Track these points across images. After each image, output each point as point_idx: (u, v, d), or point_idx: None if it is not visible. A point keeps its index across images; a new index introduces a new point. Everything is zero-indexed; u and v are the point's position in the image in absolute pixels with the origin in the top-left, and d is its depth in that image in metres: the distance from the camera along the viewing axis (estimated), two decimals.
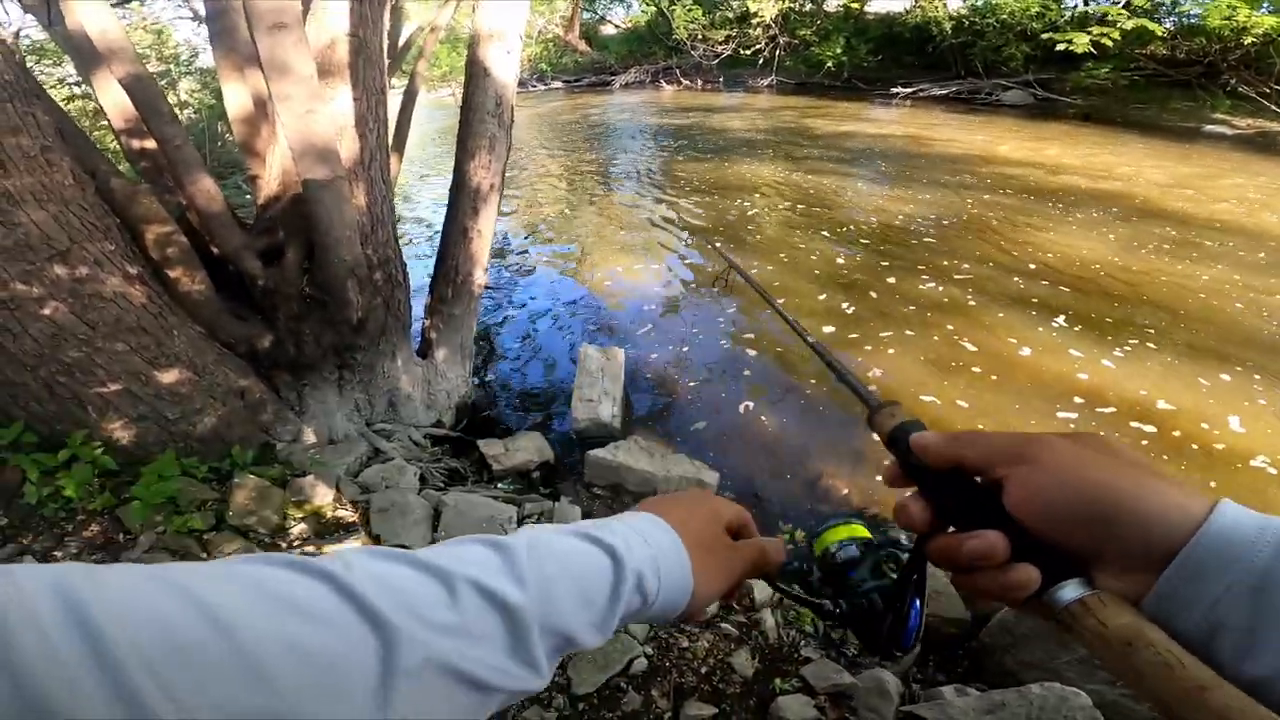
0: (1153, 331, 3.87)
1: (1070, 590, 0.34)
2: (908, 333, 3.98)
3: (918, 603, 0.47)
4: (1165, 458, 2.86)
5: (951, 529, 0.40)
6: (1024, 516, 0.36)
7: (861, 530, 0.61)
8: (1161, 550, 0.32)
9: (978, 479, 0.39)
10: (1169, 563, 0.32)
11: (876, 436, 0.47)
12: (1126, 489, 0.33)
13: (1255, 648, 0.29)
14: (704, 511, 0.51)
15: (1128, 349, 3.69)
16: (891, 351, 3.78)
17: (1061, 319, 4.03)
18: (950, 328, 4.00)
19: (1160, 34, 11.98)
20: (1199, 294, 4.35)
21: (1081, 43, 11.95)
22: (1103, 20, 12.31)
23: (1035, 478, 0.36)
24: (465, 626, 0.34)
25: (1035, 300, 4.32)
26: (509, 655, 0.36)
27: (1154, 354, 3.64)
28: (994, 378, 3.49)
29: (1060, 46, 12.32)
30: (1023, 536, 0.36)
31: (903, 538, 1.86)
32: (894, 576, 0.53)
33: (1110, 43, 11.82)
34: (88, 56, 1.84)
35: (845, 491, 2.78)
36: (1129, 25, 11.67)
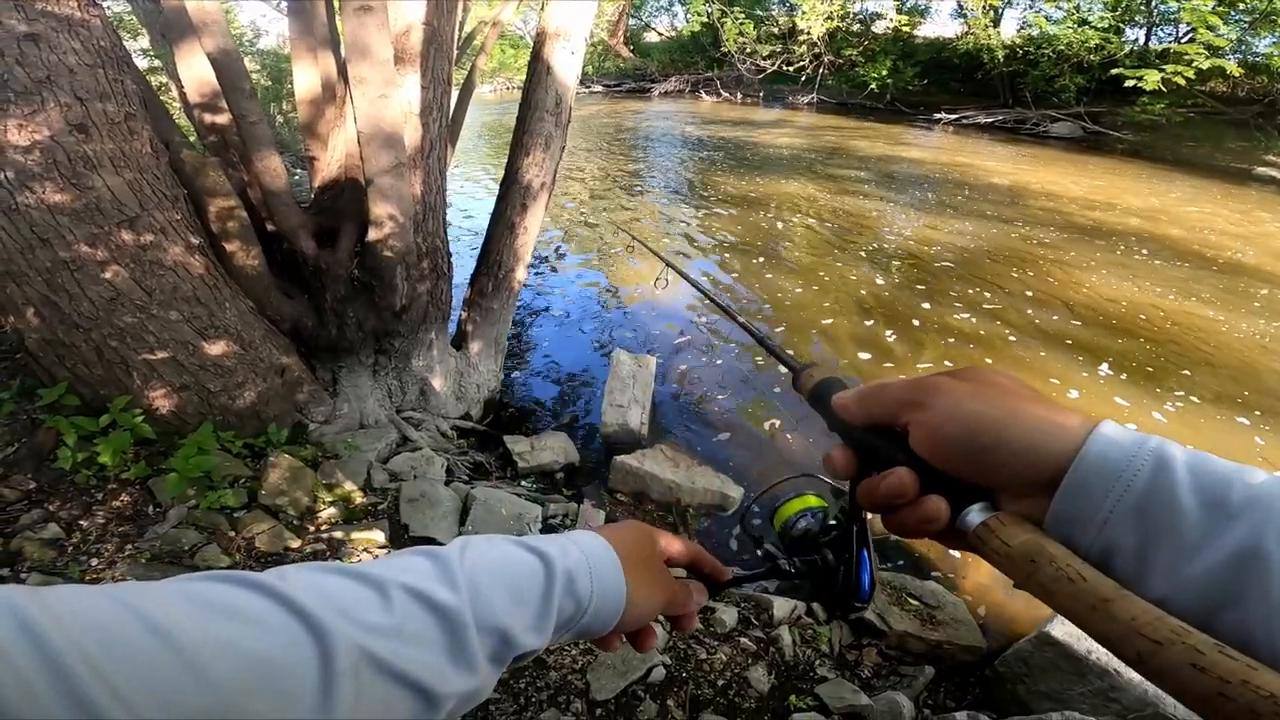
0: (1200, 383, 3.76)
1: (974, 515, 0.36)
2: (946, 363, 3.90)
3: (865, 554, 0.49)
4: None
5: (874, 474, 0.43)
6: (926, 454, 0.38)
7: (815, 500, 0.65)
8: (1048, 474, 0.33)
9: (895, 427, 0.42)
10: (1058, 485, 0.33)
11: (800, 396, 0.51)
12: (1003, 419, 0.35)
13: (1147, 568, 0.30)
14: (640, 534, 0.54)
15: (1176, 399, 3.59)
16: None
17: (1106, 366, 3.92)
18: (990, 362, 3.92)
19: (1237, 73, 11.52)
20: (1248, 347, 4.23)
21: (1152, 80, 11.43)
22: (1169, 56, 11.80)
23: (929, 418, 0.38)
24: (399, 627, 0.36)
25: (1075, 341, 4.21)
26: (447, 656, 0.37)
27: (1200, 407, 3.54)
28: None
29: (1129, 83, 11.83)
30: (931, 473, 0.38)
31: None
32: (837, 530, 0.56)
33: (1183, 81, 11.25)
34: (175, 28, 1.85)
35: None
36: (1205, 65, 11.12)
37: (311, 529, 2.07)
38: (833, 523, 0.60)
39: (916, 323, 4.43)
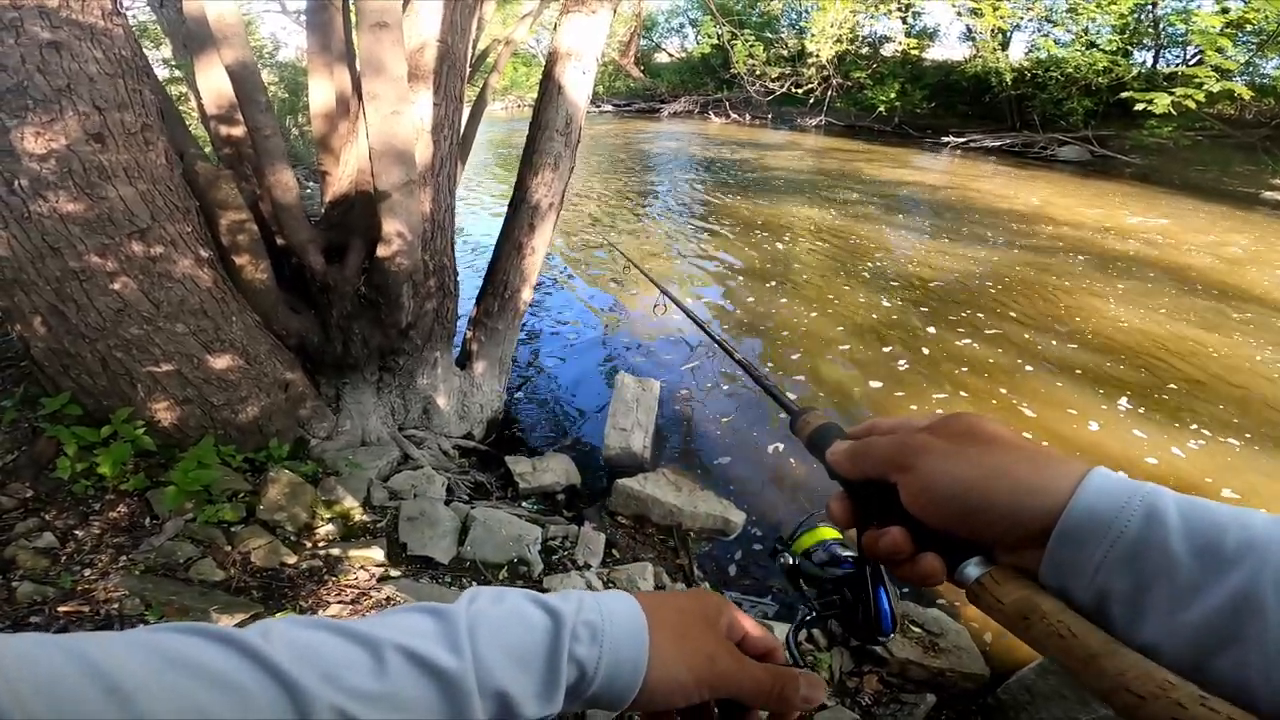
0: (1220, 414, 3.70)
1: (970, 569, 0.36)
2: (962, 394, 3.86)
3: (883, 590, 0.49)
4: None
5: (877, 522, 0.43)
6: (917, 514, 0.38)
7: (830, 532, 0.64)
8: (1037, 528, 0.33)
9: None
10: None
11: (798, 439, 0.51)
12: (986, 480, 0.35)
13: (1140, 615, 0.30)
14: (695, 602, 0.47)
15: (1194, 433, 3.52)
16: (942, 414, 3.68)
17: (1125, 399, 3.84)
18: (1004, 391, 3.88)
19: (1246, 96, 11.37)
20: (1268, 376, 4.17)
21: (1163, 104, 11.23)
22: (1178, 79, 11.63)
23: (916, 481, 0.38)
24: (392, 694, 0.33)
25: (1089, 371, 4.16)
26: None
27: (1218, 439, 3.47)
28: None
29: (1139, 106, 11.65)
30: (924, 529, 0.39)
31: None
32: (853, 565, 0.56)
33: (1193, 105, 11.05)
34: (196, 40, 1.87)
35: None
36: (1216, 88, 10.94)
37: (309, 545, 2.05)
38: (847, 554, 0.60)
39: (927, 351, 4.40)
